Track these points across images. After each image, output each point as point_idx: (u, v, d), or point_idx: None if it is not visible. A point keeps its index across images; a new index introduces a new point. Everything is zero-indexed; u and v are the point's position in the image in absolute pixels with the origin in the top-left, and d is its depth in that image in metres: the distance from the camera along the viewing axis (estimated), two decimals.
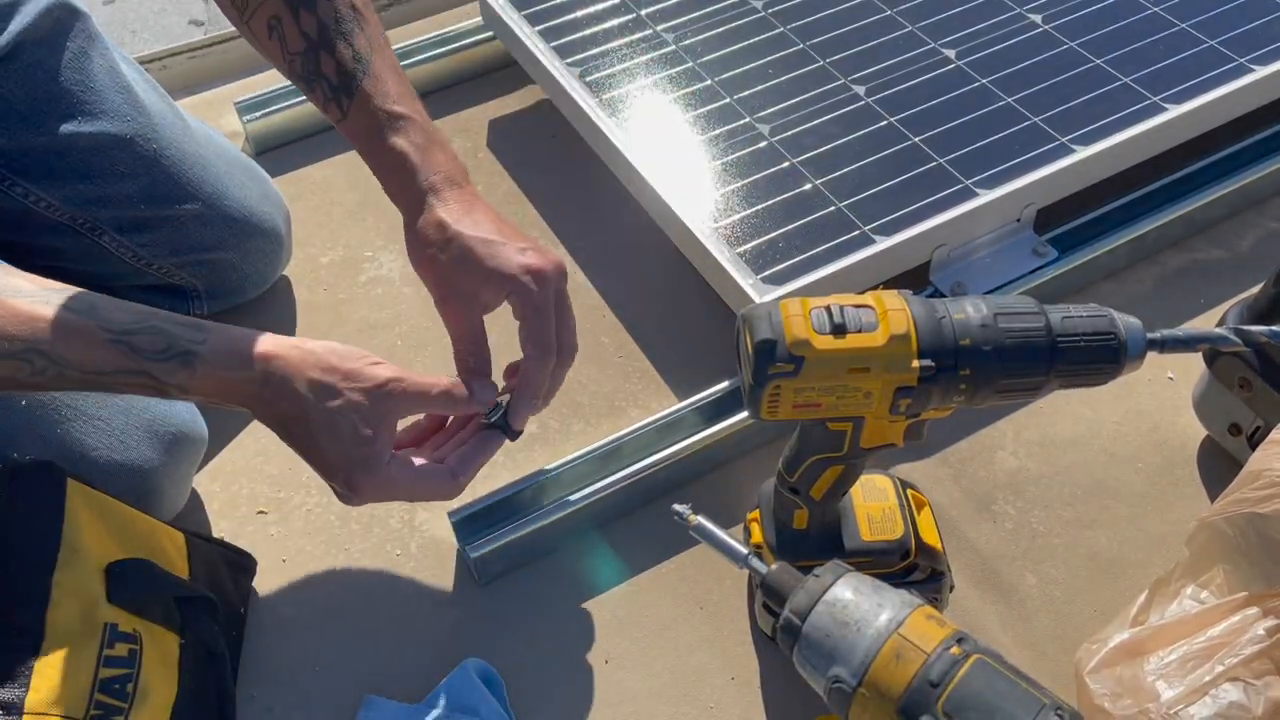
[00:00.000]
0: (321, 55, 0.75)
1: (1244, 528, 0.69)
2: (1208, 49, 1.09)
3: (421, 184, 0.75)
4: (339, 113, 0.76)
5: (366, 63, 0.76)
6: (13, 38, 0.87)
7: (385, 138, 0.75)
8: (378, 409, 0.69)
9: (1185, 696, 0.65)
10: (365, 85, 0.75)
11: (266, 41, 0.77)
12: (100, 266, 0.96)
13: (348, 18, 0.76)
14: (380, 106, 0.76)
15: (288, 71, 0.78)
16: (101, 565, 0.66)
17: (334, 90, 0.76)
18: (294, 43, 0.76)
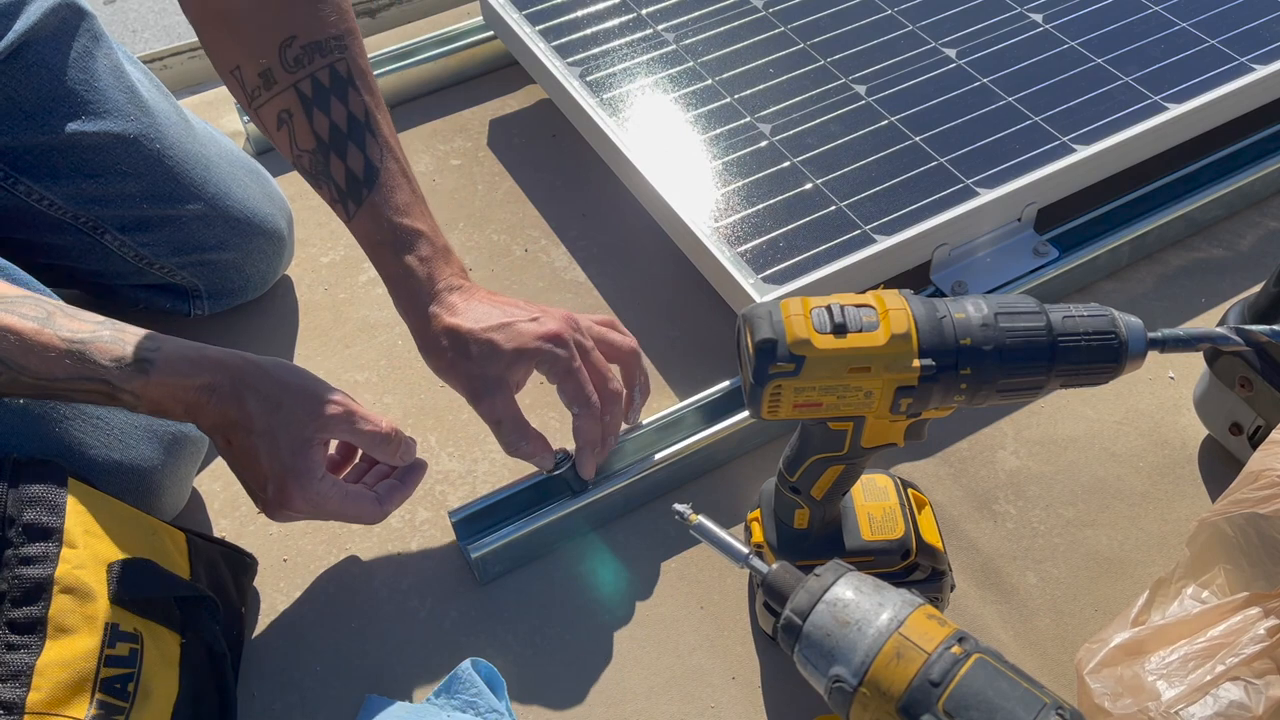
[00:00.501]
0: (331, 158, 0.75)
1: (1244, 528, 0.69)
2: (1208, 48, 1.09)
3: (426, 299, 0.77)
4: (345, 215, 0.78)
5: (377, 171, 0.76)
6: (18, 36, 0.87)
7: (391, 251, 0.77)
8: (317, 424, 0.71)
9: (1186, 696, 0.65)
10: (374, 196, 0.76)
11: (274, 132, 0.77)
12: (102, 265, 0.96)
13: (361, 122, 0.76)
14: (387, 219, 0.76)
15: (294, 163, 0.78)
16: (103, 565, 0.66)
17: (341, 195, 0.77)
18: (304, 140, 0.76)
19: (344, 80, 0.75)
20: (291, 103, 0.75)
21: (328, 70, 0.75)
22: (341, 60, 0.75)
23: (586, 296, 1.06)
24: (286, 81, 0.74)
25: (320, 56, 0.75)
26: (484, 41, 1.28)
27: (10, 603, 0.61)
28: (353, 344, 1.03)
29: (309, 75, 0.74)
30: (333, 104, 0.75)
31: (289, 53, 0.74)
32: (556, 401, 0.97)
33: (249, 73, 0.75)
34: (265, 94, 0.75)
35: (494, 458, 0.94)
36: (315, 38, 0.75)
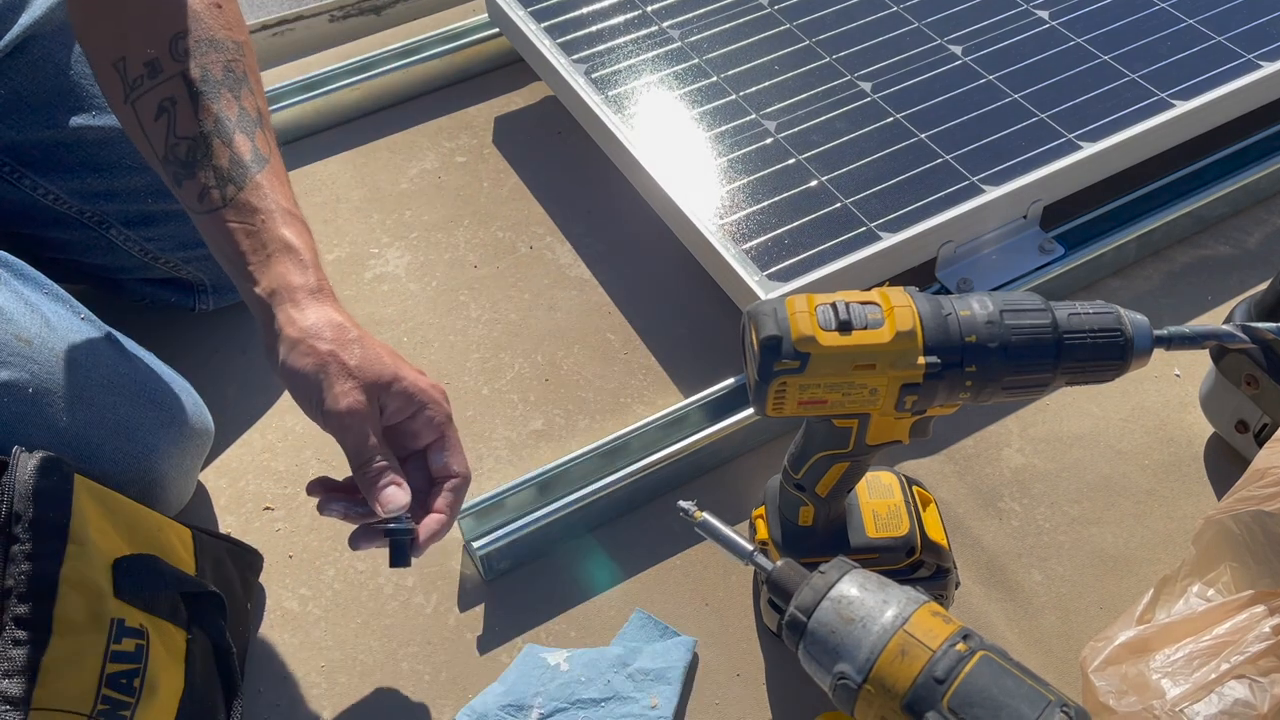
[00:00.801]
0: (215, 143, 0.69)
1: (1250, 525, 0.69)
2: (1215, 45, 1.09)
3: (313, 280, 0.68)
4: (219, 199, 0.69)
5: (265, 160, 0.71)
6: (23, 30, 0.87)
7: (277, 227, 0.68)
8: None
9: (1191, 694, 0.64)
10: (261, 178, 0.70)
11: (150, 122, 0.70)
12: (107, 259, 0.96)
13: (252, 117, 0.71)
14: (276, 200, 0.69)
15: (164, 155, 0.70)
16: (109, 561, 0.66)
17: (221, 179, 0.69)
18: (185, 127, 0.69)
19: (239, 79, 0.71)
20: (177, 90, 0.70)
21: (222, 65, 0.71)
22: (238, 61, 0.72)
23: (591, 293, 1.06)
24: (174, 70, 0.69)
25: (215, 52, 0.71)
26: (489, 39, 1.28)
27: (17, 599, 0.61)
28: None
29: (201, 66, 0.70)
30: (223, 95, 0.70)
31: (180, 44, 0.70)
32: (557, 401, 0.97)
33: (134, 63, 0.70)
34: (148, 83, 0.70)
35: (499, 454, 0.94)
36: (213, 35, 0.71)
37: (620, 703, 0.76)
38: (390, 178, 1.19)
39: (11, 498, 0.63)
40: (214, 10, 0.72)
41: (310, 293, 0.67)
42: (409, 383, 0.68)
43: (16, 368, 0.72)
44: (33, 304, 0.77)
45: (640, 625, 0.82)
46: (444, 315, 1.05)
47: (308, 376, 0.65)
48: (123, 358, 0.81)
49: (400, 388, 0.67)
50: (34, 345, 0.74)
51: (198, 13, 0.71)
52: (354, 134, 1.24)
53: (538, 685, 0.77)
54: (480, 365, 1.01)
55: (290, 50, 1.34)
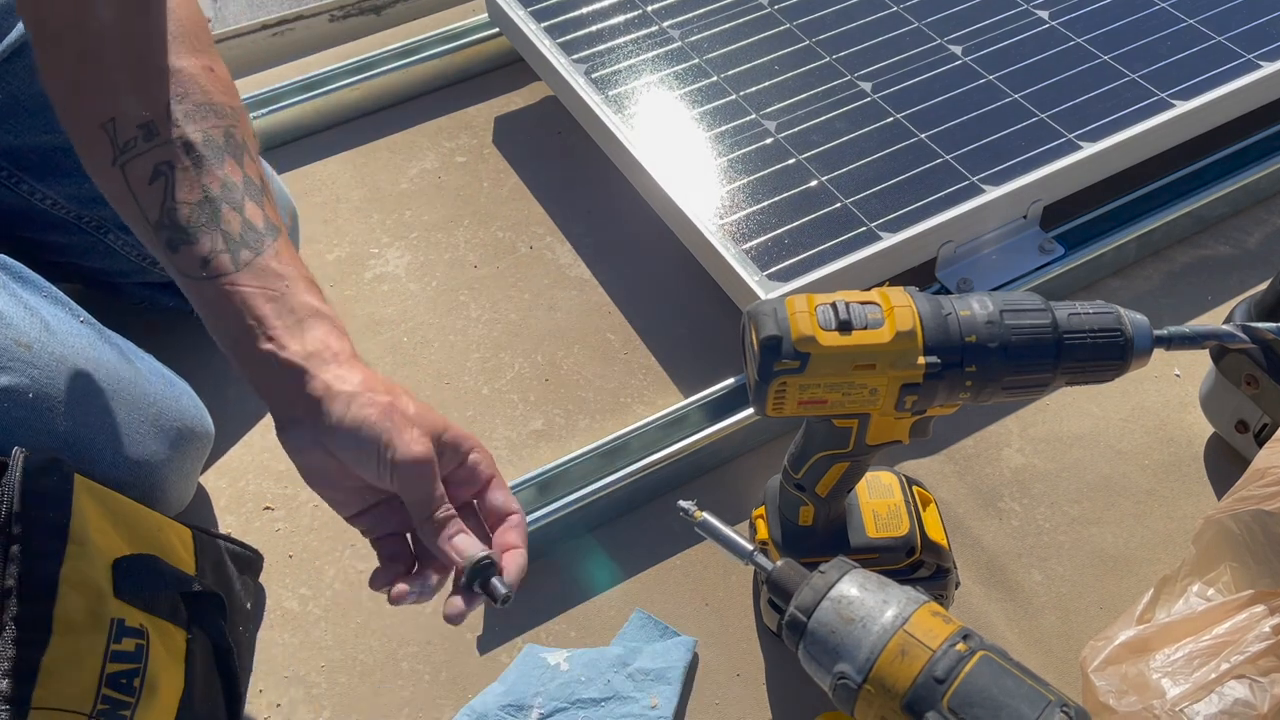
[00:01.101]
0: (223, 209, 0.65)
1: (1250, 525, 0.69)
2: (1215, 45, 1.09)
3: (346, 344, 0.66)
4: (230, 265, 0.64)
5: (277, 230, 0.67)
6: (20, 35, 0.87)
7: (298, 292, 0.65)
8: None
9: (1191, 694, 0.64)
10: (278, 244, 0.66)
11: (143, 185, 0.65)
12: (105, 263, 0.96)
13: (257, 185, 0.68)
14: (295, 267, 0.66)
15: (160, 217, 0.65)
16: (109, 561, 0.66)
17: (232, 244, 0.65)
18: (188, 193, 0.65)
19: (240, 145, 0.68)
20: (176, 155, 0.65)
21: (223, 131, 0.67)
22: (237, 128, 0.69)
23: (591, 293, 1.06)
24: (174, 134, 0.65)
25: (215, 118, 0.67)
26: (489, 38, 1.28)
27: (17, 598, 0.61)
28: (358, 341, 1.03)
29: (202, 131, 0.66)
30: (228, 162, 0.67)
31: (180, 107, 0.66)
32: (557, 401, 0.97)
33: (125, 126, 0.65)
34: (143, 146, 0.65)
35: (499, 454, 0.94)
36: (211, 100, 0.68)
37: (620, 703, 0.76)
38: (390, 178, 1.19)
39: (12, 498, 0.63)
40: (209, 74, 0.69)
41: (350, 357, 0.65)
42: (456, 431, 0.66)
43: (16, 373, 0.72)
44: (32, 308, 0.77)
45: (640, 625, 0.82)
46: (444, 315, 1.05)
47: (374, 427, 0.63)
48: (122, 361, 0.81)
49: (450, 436, 0.66)
50: (33, 350, 0.74)
51: (194, 76, 0.68)
52: (354, 134, 1.24)
53: (538, 685, 0.78)
54: (480, 365, 1.01)
55: (290, 50, 1.34)
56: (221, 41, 1.31)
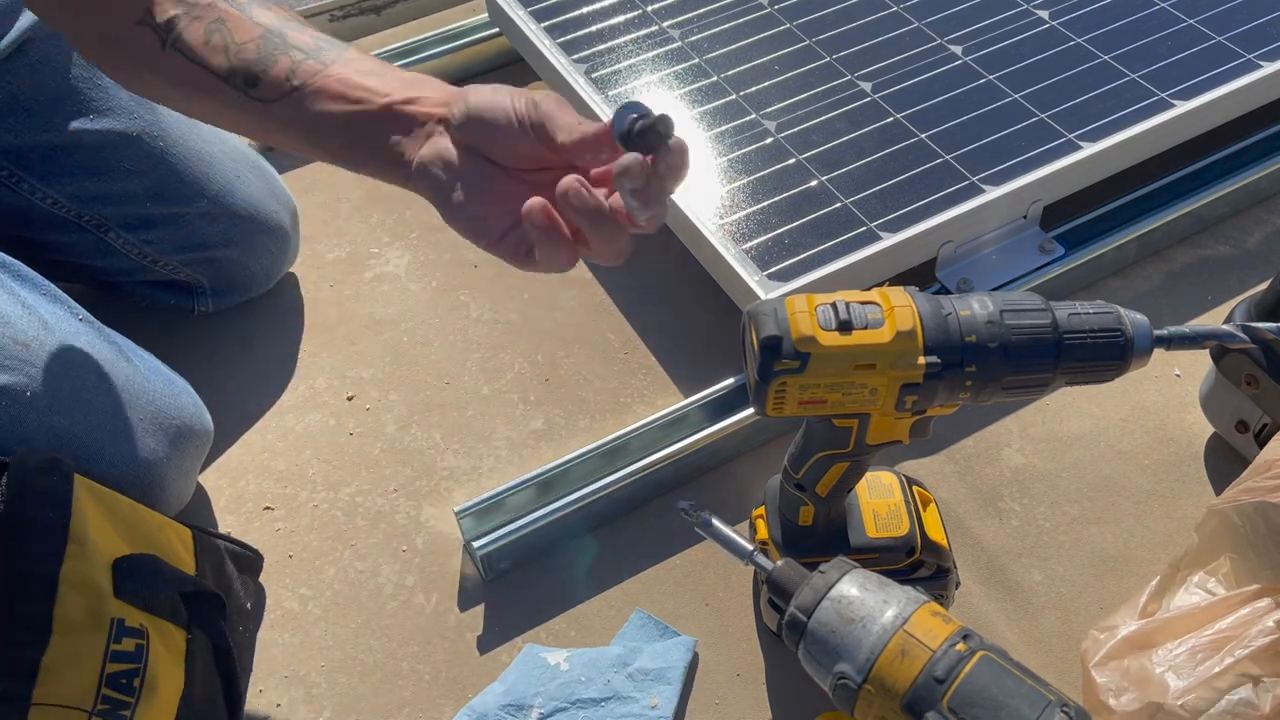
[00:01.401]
0: (288, 32, 0.66)
1: (1253, 517, 0.68)
2: (1215, 45, 1.09)
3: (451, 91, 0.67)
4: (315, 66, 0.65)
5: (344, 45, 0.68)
6: (21, 34, 0.87)
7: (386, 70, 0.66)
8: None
9: (1193, 689, 0.64)
10: (348, 52, 0.67)
11: (202, 46, 0.66)
12: (107, 262, 0.96)
13: (299, 22, 0.69)
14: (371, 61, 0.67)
15: (229, 66, 0.66)
16: (109, 560, 0.66)
17: (310, 53, 0.66)
18: (245, 32, 0.66)
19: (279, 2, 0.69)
20: (221, 11, 0.67)
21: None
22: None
23: (591, 292, 1.06)
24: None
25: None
26: (489, 38, 1.28)
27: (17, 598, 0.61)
28: (358, 340, 1.03)
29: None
30: (271, 6, 0.68)
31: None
32: (558, 401, 0.97)
33: (162, 9, 0.67)
34: (186, 20, 0.66)
35: (499, 454, 0.94)
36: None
37: (620, 703, 0.76)
38: None
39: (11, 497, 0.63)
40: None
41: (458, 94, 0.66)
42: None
43: (14, 371, 0.72)
44: (30, 306, 0.77)
45: (640, 625, 0.82)
46: (444, 315, 1.05)
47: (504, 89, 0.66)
48: (121, 359, 0.81)
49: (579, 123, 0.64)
50: (31, 348, 0.74)
51: None
52: None
53: (538, 685, 0.78)
54: (480, 365, 1.01)
55: None
56: None
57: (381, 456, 0.94)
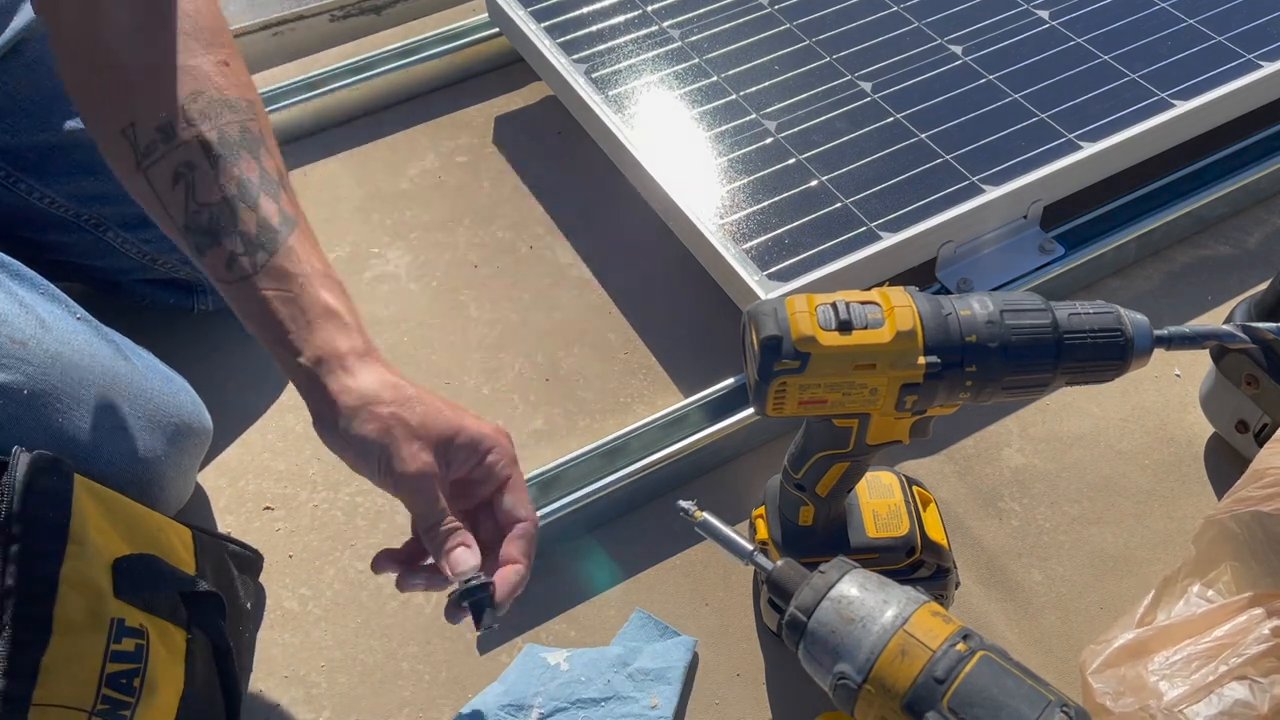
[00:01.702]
0: (240, 209, 0.66)
1: (1250, 525, 0.68)
2: (1215, 45, 1.09)
3: (359, 343, 0.66)
4: (249, 267, 0.65)
5: (294, 222, 0.68)
6: (16, 33, 0.87)
7: (315, 290, 0.66)
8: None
9: (1189, 696, 0.64)
10: (292, 241, 0.66)
11: (167, 189, 0.67)
12: (106, 261, 0.96)
13: (274, 179, 0.68)
14: (310, 263, 0.67)
15: (184, 223, 0.66)
16: (109, 561, 0.66)
17: (250, 245, 0.66)
18: (206, 193, 0.66)
19: (255, 139, 0.68)
20: (195, 155, 0.66)
21: (238, 126, 0.68)
22: (253, 121, 0.69)
23: (591, 293, 1.06)
24: (190, 135, 0.66)
25: (230, 113, 0.68)
26: (489, 38, 1.28)
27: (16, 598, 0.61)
28: None
29: (217, 129, 0.67)
30: (243, 157, 0.67)
31: (194, 106, 0.66)
32: (557, 401, 0.97)
33: (145, 129, 0.66)
34: (162, 148, 0.66)
35: None
36: (225, 96, 0.68)
37: (620, 702, 0.76)
38: (390, 177, 1.19)
39: (11, 497, 0.63)
40: (223, 69, 0.69)
41: (359, 356, 0.65)
42: (472, 432, 0.66)
43: (11, 370, 0.72)
44: (28, 305, 0.77)
45: (640, 625, 0.82)
46: (444, 315, 1.05)
47: (374, 443, 0.63)
48: (119, 358, 0.81)
49: (464, 439, 0.65)
50: (29, 347, 0.74)
51: (207, 73, 0.68)
52: (354, 134, 1.24)
53: (538, 685, 0.77)
54: (480, 365, 1.01)
55: (290, 50, 1.34)
56: None
57: None
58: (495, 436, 0.67)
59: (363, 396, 0.63)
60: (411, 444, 0.63)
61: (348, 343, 0.65)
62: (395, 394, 0.64)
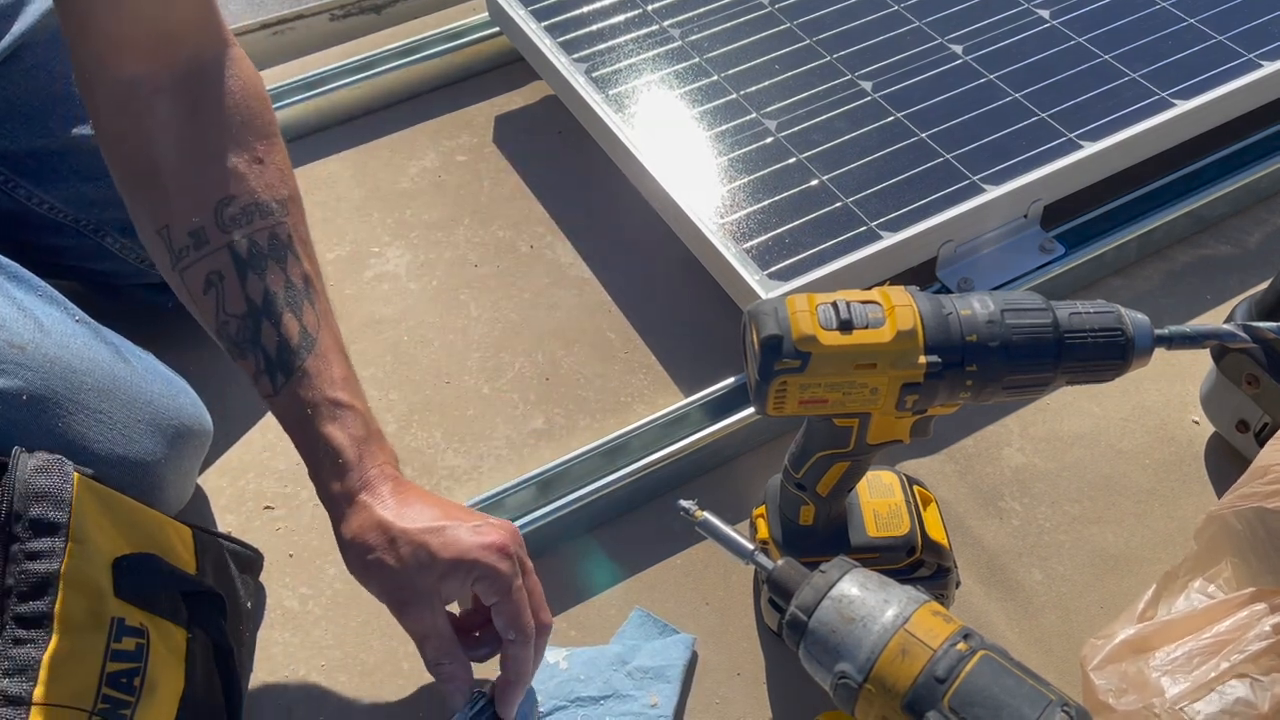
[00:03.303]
0: (264, 324, 0.68)
1: (1252, 522, 0.68)
2: (1216, 44, 1.08)
3: (354, 483, 0.68)
4: (270, 388, 0.69)
5: (313, 340, 0.69)
6: (15, 39, 0.87)
7: (320, 426, 0.68)
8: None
9: (1191, 693, 0.64)
10: (308, 365, 0.69)
11: (200, 295, 0.69)
12: (105, 265, 0.96)
13: (299, 288, 0.70)
14: (320, 390, 0.69)
15: (216, 330, 0.70)
16: (109, 560, 0.66)
17: (270, 364, 0.69)
18: (234, 304, 0.69)
19: (284, 245, 0.70)
20: (224, 264, 0.68)
21: (267, 233, 0.69)
22: (283, 225, 0.70)
23: (591, 292, 1.06)
24: (220, 241, 0.68)
25: (260, 218, 0.69)
26: (490, 38, 1.28)
27: (17, 597, 0.61)
28: (358, 340, 1.03)
29: (247, 236, 0.68)
30: (270, 268, 0.69)
31: (226, 211, 0.68)
32: (558, 400, 0.97)
33: (178, 232, 0.68)
34: (194, 254, 0.68)
35: (499, 454, 0.94)
36: (257, 199, 0.69)
37: (620, 701, 0.76)
38: (390, 177, 1.19)
39: (12, 497, 0.63)
40: (256, 168, 0.70)
41: (350, 500, 0.68)
42: (460, 559, 0.66)
43: (10, 375, 0.72)
44: (26, 308, 0.76)
45: (639, 623, 0.82)
46: (444, 314, 1.05)
47: (369, 584, 0.68)
48: (118, 359, 0.81)
49: (452, 570, 0.66)
50: (27, 351, 0.74)
51: (241, 174, 0.69)
52: (354, 133, 1.24)
53: (537, 684, 0.77)
54: (480, 364, 1.01)
55: (290, 49, 1.34)
56: None
57: None
58: (485, 559, 0.66)
59: (353, 543, 0.67)
60: (400, 592, 0.67)
61: (340, 485, 0.68)
62: (380, 537, 0.66)
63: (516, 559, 0.68)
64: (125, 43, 0.67)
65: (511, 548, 0.68)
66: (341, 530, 0.68)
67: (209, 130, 0.69)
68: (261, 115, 0.72)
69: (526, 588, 0.68)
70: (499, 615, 0.67)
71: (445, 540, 0.66)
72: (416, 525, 0.66)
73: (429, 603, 0.66)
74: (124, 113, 0.68)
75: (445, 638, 0.67)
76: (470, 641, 0.71)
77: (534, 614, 0.69)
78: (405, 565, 0.65)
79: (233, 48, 0.72)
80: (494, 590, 0.66)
